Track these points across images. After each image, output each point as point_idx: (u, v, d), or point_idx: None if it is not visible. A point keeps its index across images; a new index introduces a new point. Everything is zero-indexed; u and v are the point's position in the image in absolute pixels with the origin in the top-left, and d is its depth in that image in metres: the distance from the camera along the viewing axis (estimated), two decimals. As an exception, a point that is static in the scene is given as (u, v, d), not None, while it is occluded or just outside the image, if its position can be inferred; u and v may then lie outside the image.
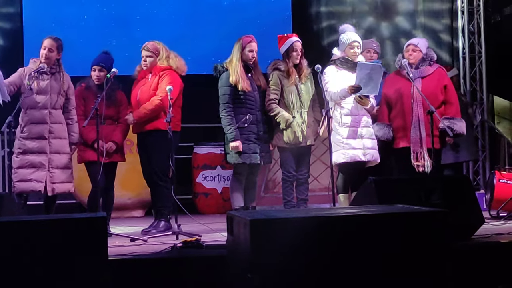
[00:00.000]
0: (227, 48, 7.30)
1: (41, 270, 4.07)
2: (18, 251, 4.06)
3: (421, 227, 4.15)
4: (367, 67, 6.93)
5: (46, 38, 6.93)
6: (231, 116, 7.05)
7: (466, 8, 10.79)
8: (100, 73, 7.17)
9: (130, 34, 10.14)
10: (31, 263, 4.06)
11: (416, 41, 7.39)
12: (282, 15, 10.73)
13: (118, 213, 8.93)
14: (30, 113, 6.78)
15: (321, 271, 4.00)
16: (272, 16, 10.64)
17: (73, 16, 10.33)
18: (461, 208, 5.57)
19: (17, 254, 4.05)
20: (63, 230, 4.20)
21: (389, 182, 5.91)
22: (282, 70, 7.25)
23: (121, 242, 6.24)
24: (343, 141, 7.07)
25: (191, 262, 5.15)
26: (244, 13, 10.62)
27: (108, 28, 10.34)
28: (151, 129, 7.14)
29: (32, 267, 4.06)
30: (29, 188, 6.74)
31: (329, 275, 4.01)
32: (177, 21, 10.51)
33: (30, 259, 4.06)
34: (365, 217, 4.22)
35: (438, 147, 7.17)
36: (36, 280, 4.06)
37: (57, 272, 4.08)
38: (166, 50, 7.28)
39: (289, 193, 7.27)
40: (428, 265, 4.09)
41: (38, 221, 4.37)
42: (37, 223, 4.32)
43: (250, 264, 3.94)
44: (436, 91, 7.19)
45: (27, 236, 4.11)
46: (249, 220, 3.97)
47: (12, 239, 4.08)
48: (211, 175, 9.60)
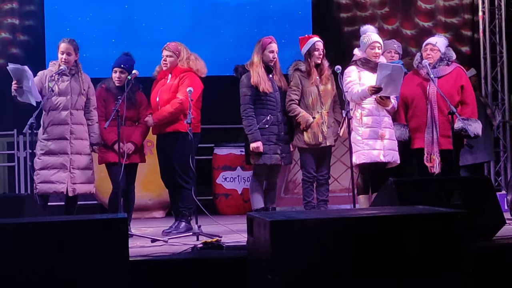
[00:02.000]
0: (248, 49, 7.31)
1: (62, 271, 4.08)
2: (39, 252, 4.07)
3: (442, 228, 4.12)
4: (388, 68, 6.91)
5: (62, 42, 6.96)
6: (252, 117, 7.06)
7: (487, 8, 10.74)
8: (121, 75, 7.18)
9: (150, 36, 10.17)
10: (53, 264, 4.08)
11: (435, 41, 7.30)
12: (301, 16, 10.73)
13: (139, 214, 8.95)
14: (51, 115, 6.83)
15: (341, 273, 3.99)
16: (291, 17, 10.65)
17: (93, 16, 10.39)
18: (482, 209, 5.54)
19: (39, 255, 4.07)
20: (84, 231, 4.21)
21: (409, 183, 5.88)
22: (303, 70, 7.24)
23: (142, 243, 6.27)
24: (363, 142, 7.05)
25: (212, 263, 5.15)
26: (264, 14, 10.63)
27: (127, 28, 10.39)
28: (171, 131, 7.16)
29: (53, 268, 4.07)
30: (51, 189, 6.79)
31: (349, 277, 4.00)
32: (196, 22, 10.54)
33: (51, 260, 4.07)
34: (386, 218, 4.20)
35: (452, 148, 7.09)
36: (57, 281, 4.07)
37: (78, 273, 4.09)
38: (187, 52, 7.30)
39: (309, 194, 7.26)
40: (449, 266, 4.07)
41: (60, 222, 4.39)
42: (59, 224, 4.34)
43: (270, 265, 3.94)
44: (452, 91, 7.12)
45: (48, 237, 4.13)
46: (269, 221, 3.96)
47: (33, 240, 4.10)
48: (231, 176, 9.61)
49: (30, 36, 10.47)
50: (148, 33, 10.28)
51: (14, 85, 6.68)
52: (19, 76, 6.63)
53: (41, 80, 6.88)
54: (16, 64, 6.71)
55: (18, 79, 6.64)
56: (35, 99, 6.69)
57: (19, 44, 10.44)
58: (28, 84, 6.61)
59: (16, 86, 6.66)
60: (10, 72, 6.66)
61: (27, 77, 6.62)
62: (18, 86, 6.65)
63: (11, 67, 6.66)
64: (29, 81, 6.61)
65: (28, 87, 6.61)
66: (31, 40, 10.43)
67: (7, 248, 4.04)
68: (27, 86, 6.62)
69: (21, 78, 6.63)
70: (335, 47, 9.62)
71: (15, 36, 10.44)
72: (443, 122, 7.01)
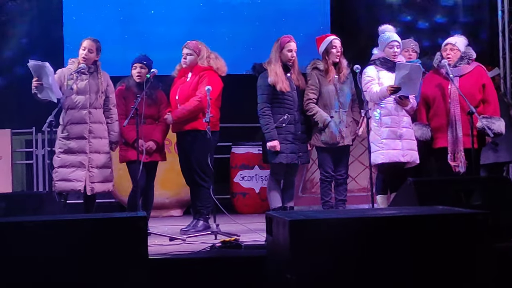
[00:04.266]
0: (267, 48, 7.30)
1: (82, 269, 4.09)
2: (59, 250, 4.09)
3: (462, 229, 4.10)
4: (406, 68, 6.89)
5: (86, 39, 6.97)
6: (269, 116, 7.06)
7: (506, 8, 10.66)
8: (142, 70, 7.18)
9: (168, 34, 10.20)
10: (72, 262, 4.09)
11: (454, 40, 7.27)
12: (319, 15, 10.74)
13: (157, 212, 8.97)
14: (70, 113, 6.83)
15: (360, 272, 3.98)
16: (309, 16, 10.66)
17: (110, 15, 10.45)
18: (502, 209, 5.50)
19: (58, 253, 4.08)
20: (103, 229, 4.22)
21: (429, 183, 5.86)
22: (321, 69, 7.23)
23: (160, 242, 6.28)
24: (382, 142, 7.03)
25: (230, 262, 5.15)
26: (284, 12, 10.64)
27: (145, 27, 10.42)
28: (190, 129, 7.18)
29: (73, 265, 4.09)
30: (69, 187, 6.80)
31: (368, 276, 3.99)
32: (215, 20, 10.57)
33: (71, 258, 4.09)
34: (405, 218, 4.18)
35: (476, 147, 7.05)
36: (76, 279, 4.09)
37: (97, 271, 4.11)
38: (207, 50, 7.31)
39: (327, 194, 7.25)
40: (470, 267, 4.05)
41: (79, 220, 4.40)
42: (78, 222, 4.35)
43: (289, 265, 3.94)
44: (474, 90, 7.08)
45: (68, 235, 4.14)
46: (288, 221, 3.96)
47: (53, 237, 4.11)
48: (249, 174, 9.62)
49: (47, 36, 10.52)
50: (166, 33, 10.32)
51: (34, 82, 6.68)
52: (39, 73, 6.64)
53: (60, 78, 6.88)
54: (37, 61, 6.71)
55: (38, 76, 6.65)
56: (56, 95, 6.69)
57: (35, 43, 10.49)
58: (48, 80, 6.62)
59: (37, 83, 6.66)
60: (30, 68, 6.66)
61: (47, 74, 6.62)
62: (38, 83, 6.66)
63: (31, 63, 6.66)
64: (49, 78, 6.62)
65: (49, 83, 6.62)
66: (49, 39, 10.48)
67: (27, 246, 4.06)
68: (47, 82, 6.62)
69: (41, 75, 6.63)
70: (354, 46, 9.61)
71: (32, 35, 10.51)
72: (466, 121, 6.96)
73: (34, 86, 6.69)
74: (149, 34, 10.34)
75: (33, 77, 6.68)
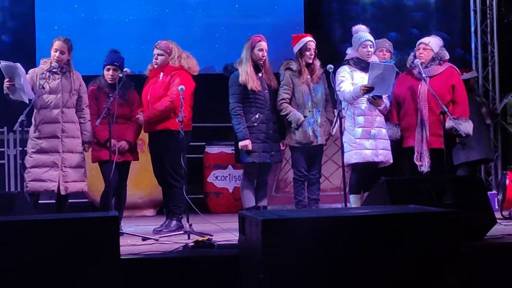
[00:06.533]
0: (239, 48, 7.30)
1: (53, 269, 4.08)
2: (30, 250, 4.07)
3: (433, 228, 4.13)
4: (379, 67, 6.92)
5: (56, 39, 6.91)
6: (241, 116, 7.07)
7: (479, 8, 10.76)
8: (115, 72, 7.14)
9: (141, 35, 10.17)
10: (43, 262, 4.07)
11: (428, 40, 7.31)
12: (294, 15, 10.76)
13: (130, 212, 8.94)
14: (42, 113, 6.79)
15: (332, 272, 3.99)
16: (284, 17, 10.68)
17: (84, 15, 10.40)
18: (473, 208, 5.55)
19: (29, 253, 4.06)
20: (75, 229, 4.21)
21: (401, 182, 5.89)
22: (293, 69, 7.25)
23: (133, 241, 6.25)
24: (356, 142, 7.05)
25: (203, 262, 5.15)
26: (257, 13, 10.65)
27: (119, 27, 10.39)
28: (162, 129, 7.16)
29: (43, 266, 4.07)
30: (42, 188, 6.75)
31: (340, 276, 4.00)
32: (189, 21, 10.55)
33: (41, 258, 4.07)
34: (377, 218, 4.21)
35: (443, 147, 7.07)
36: (47, 279, 4.06)
37: (69, 271, 4.09)
38: (178, 50, 7.28)
39: (300, 193, 7.27)
40: (439, 265, 4.07)
41: (51, 220, 4.38)
42: (49, 222, 4.33)
43: (261, 264, 3.94)
44: (443, 91, 7.10)
45: (39, 235, 4.12)
46: (261, 220, 3.96)
47: (23, 238, 4.09)
48: (222, 174, 9.62)
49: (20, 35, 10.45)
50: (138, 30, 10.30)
51: (6, 83, 6.63)
52: (11, 74, 6.58)
53: (32, 78, 6.82)
54: (8, 62, 6.66)
55: (10, 77, 6.60)
56: (27, 96, 6.64)
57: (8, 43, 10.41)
58: (20, 81, 6.56)
59: (8, 84, 6.62)
60: (2, 69, 6.61)
61: (19, 75, 6.57)
62: (10, 84, 6.61)
63: (3, 64, 6.61)
64: (21, 79, 6.57)
65: (21, 84, 6.57)
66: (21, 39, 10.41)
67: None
68: (19, 83, 6.57)
69: (13, 76, 6.58)
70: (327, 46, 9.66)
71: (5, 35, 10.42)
72: (434, 121, 7.01)
73: (6, 87, 6.63)
74: (122, 32, 10.28)
75: (5, 78, 6.63)
